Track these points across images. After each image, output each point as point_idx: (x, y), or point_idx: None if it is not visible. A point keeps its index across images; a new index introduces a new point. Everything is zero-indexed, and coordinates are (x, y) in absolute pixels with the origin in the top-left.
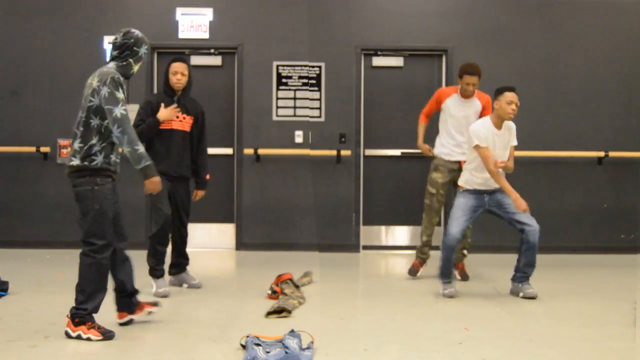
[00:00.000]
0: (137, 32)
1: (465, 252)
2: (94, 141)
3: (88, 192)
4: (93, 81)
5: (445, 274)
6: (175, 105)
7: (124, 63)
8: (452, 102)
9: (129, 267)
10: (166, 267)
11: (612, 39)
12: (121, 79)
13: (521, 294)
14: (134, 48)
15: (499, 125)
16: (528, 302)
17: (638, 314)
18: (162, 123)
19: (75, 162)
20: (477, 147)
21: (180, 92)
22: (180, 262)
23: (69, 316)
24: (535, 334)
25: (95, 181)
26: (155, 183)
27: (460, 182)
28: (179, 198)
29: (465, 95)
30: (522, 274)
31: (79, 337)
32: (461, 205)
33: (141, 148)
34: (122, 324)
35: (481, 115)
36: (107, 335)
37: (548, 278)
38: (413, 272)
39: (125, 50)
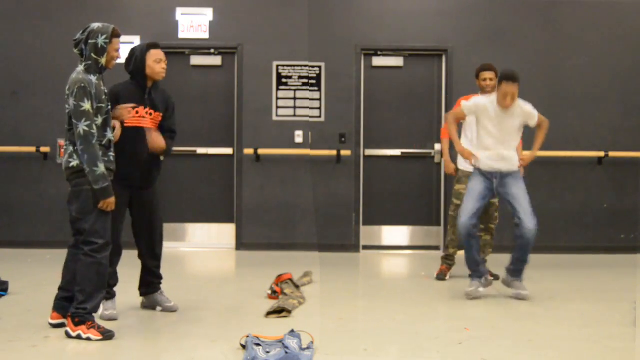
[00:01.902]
0: (94, 25)
1: (487, 237)
2: None
3: (89, 191)
4: (67, 87)
5: (471, 266)
6: (132, 105)
7: (89, 62)
8: None
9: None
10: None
11: (612, 39)
12: (91, 82)
13: (512, 292)
14: (89, 41)
15: (502, 104)
16: (528, 303)
17: (638, 314)
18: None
19: (75, 162)
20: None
21: (152, 84)
22: (150, 280)
23: (69, 316)
24: (535, 334)
25: None
26: (109, 204)
27: (473, 162)
28: (147, 204)
29: (485, 94)
30: (514, 268)
31: (78, 337)
32: (471, 192)
33: (100, 168)
34: (54, 326)
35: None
36: (107, 335)
37: (548, 278)
38: (442, 276)
39: (82, 48)
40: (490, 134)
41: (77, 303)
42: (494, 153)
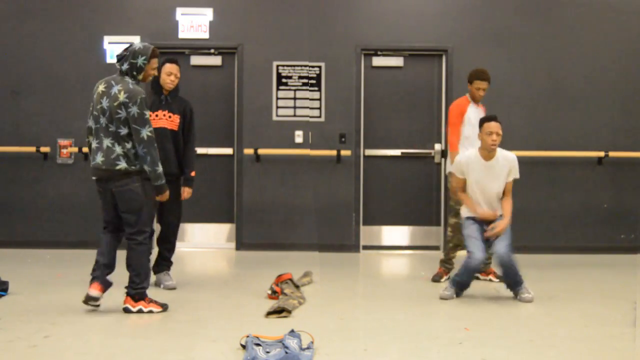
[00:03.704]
0: (137, 44)
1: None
2: (129, 146)
3: (139, 189)
4: (119, 95)
5: (460, 288)
6: None
7: (135, 80)
8: (472, 110)
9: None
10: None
11: (612, 39)
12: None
13: (518, 298)
14: (131, 60)
15: (486, 157)
16: (528, 303)
17: (638, 314)
18: None
19: (123, 165)
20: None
21: (168, 92)
22: (159, 262)
23: (127, 294)
24: (535, 334)
25: (141, 180)
26: (166, 196)
27: (462, 212)
28: (172, 197)
29: (475, 100)
30: (510, 286)
31: (140, 311)
32: (473, 232)
33: (160, 168)
34: (95, 298)
35: None
36: (164, 306)
37: (548, 278)
38: (437, 278)
39: (124, 62)
40: (478, 187)
41: (135, 285)
42: (482, 206)
